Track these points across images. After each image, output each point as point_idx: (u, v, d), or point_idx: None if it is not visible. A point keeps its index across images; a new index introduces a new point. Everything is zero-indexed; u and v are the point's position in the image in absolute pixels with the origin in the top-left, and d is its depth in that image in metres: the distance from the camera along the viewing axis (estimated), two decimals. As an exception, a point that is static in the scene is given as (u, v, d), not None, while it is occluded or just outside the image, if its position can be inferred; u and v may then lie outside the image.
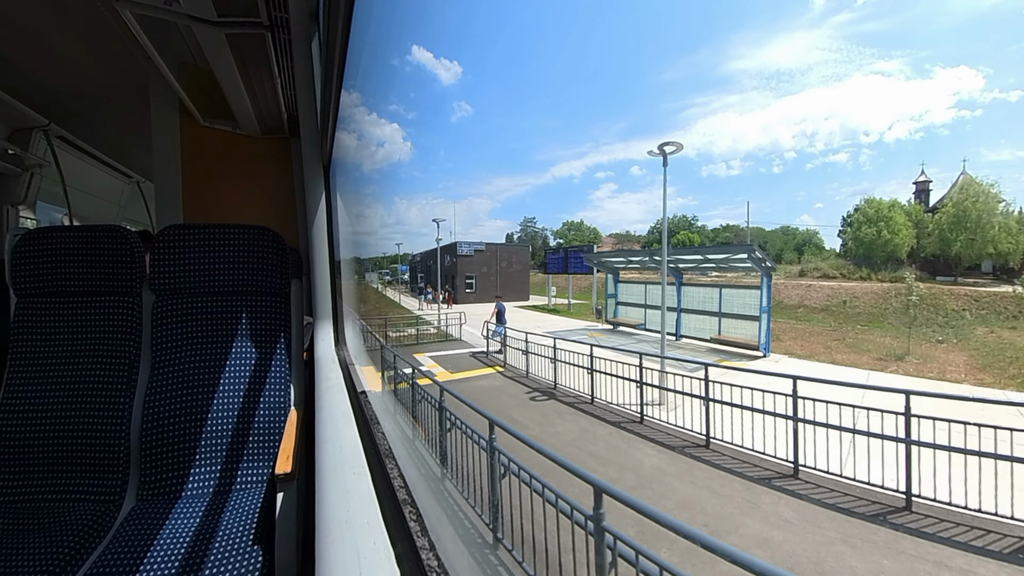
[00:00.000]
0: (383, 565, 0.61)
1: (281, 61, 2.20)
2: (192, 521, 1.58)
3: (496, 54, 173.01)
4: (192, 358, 1.93)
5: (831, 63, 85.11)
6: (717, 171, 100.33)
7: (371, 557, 0.62)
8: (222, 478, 1.82)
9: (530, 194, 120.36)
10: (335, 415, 1.26)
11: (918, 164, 65.90)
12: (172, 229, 2.01)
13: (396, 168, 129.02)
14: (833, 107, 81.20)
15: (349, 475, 0.89)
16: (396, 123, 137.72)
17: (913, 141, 70.65)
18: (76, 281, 1.93)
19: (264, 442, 1.89)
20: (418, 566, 0.72)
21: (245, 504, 1.68)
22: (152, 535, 1.49)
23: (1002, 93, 62.97)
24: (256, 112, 2.71)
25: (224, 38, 1.93)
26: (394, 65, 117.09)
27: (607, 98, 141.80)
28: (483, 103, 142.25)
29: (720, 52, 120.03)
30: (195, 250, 2.01)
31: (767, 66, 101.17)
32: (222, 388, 1.90)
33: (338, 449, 1.02)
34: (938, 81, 68.02)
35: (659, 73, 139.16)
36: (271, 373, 1.99)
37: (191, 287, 2.00)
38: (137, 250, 1.96)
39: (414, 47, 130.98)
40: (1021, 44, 65.86)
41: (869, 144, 77.35)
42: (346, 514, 0.74)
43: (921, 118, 69.33)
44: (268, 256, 2.08)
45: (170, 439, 1.80)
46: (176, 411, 1.83)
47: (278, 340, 2.06)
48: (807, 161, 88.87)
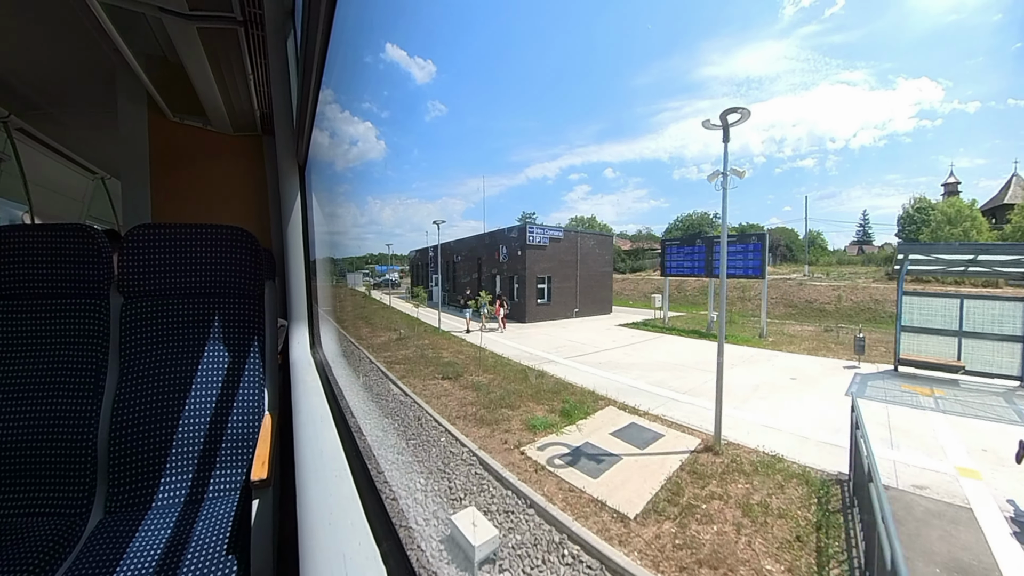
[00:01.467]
0: (369, 564, 0.62)
1: (254, 58, 2.16)
2: (163, 532, 1.53)
3: (471, 54, 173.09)
4: (162, 363, 1.87)
5: (799, 72, 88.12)
6: (689, 174, 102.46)
7: (356, 557, 0.62)
8: (194, 486, 1.77)
9: (504, 195, 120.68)
10: (314, 418, 1.25)
11: (882, 170, 68.44)
12: (141, 229, 1.95)
13: (370, 167, 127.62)
14: (801, 114, 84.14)
15: (331, 477, 0.89)
16: (369, 121, 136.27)
17: (877, 148, 73.87)
18: (39, 283, 1.85)
19: (238, 448, 1.85)
20: (404, 562, 0.73)
21: (218, 512, 1.65)
22: (121, 549, 1.44)
23: (961, 104, 66.63)
24: (228, 109, 2.66)
25: (195, 32, 1.89)
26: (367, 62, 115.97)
27: (582, 101, 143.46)
28: (458, 103, 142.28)
29: (692, 58, 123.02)
30: (165, 251, 1.95)
31: (737, 73, 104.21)
32: (194, 393, 1.85)
33: (318, 452, 1.02)
34: (901, 92, 71.30)
35: (632, 77, 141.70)
36: (244, 377, 1.94)
37: (161, 289, 1.95)
38: (104, 250, 1.89)
39: (388, 45, 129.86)
40: (979, 58, 69.59)
41: (835, 150, 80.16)
42: (329, 516, 0.74)
43: (885, 126, 72.29)
44: (241, 257, 2.04)
45: (140, 447, 1.74)
46: (146, 418, 1.77)
47: (251, 343, 2.02)
48: (776, 166, 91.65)
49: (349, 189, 40.35)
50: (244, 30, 1.93)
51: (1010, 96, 58.66)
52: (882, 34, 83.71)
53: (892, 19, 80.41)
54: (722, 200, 6.68)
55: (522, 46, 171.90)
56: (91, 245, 1.87)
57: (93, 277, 1.88)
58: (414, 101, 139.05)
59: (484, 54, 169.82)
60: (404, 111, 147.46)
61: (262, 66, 2.19)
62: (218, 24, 1.87)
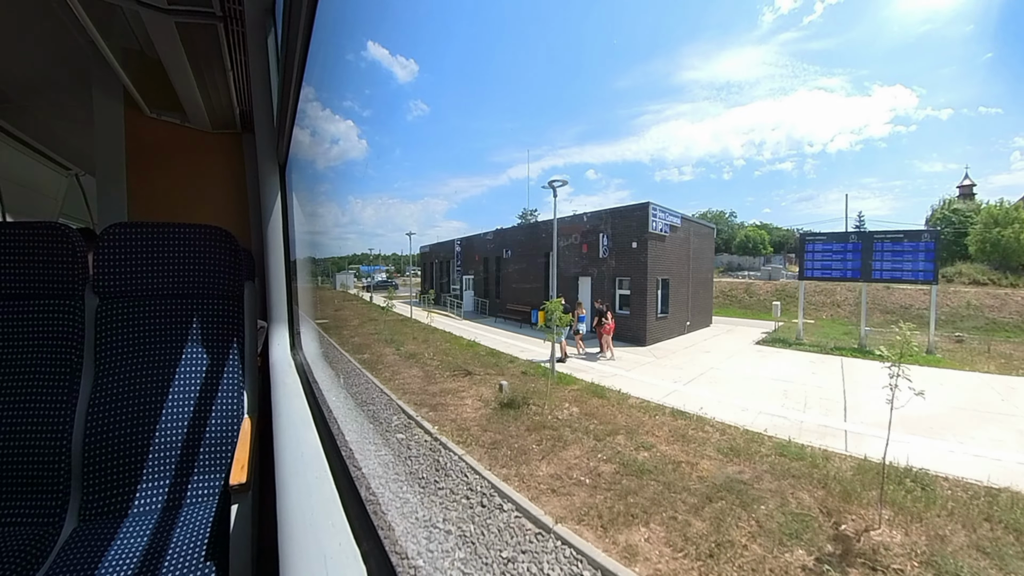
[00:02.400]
0: (349, 564, 0.62)
1: (234, 54, 2.13)
2: (139, 540, 1.50)
3: (454, 54, 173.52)
4: (139, 365, 1.82)
5: (778, 77, 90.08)
6: (670, 176, 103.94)
7: (337, 558, 0.62)
8: (171, 492, 1.73)
9: (486, 195, 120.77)
10: (294, 421, 1.24)
11: (858, 173, 70.23)
12: (117, 227, 1.90)
13: (351, 166, 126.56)
14: (780, 119, 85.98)
15: (311, 480, 0.88)
16: (351, 120, 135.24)
17: (853, 152, 75.92)
18: (10, 283, 1.78)
19: (216, 452, 1.81)
20: (384, 561, 0.73)
21: (196, 518, 1.62)
22: (96, 558, 1.40)
23: (934, 111, 68.99)
24: (207, 105, 2.61)
25: (174, 26, 1.85)
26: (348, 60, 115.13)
27: (564, 102, 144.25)
28: (441, 103, 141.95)
29: (673, 62, 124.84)
30: (142, 250, 1.91)
31: (717, 77, 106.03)
32: (171, 397, 1.81)
33: (299, 455, 1.01)
34: (876, 98, 73.39)
35: (615, 80, 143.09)
36: (223, 380, 1.91)
37: (138, 290, 1.90)
38: (79, 249, 1.83)
39: (369, 43, 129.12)
40: (952, 67, 72.12)
41: (813, 154, 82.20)
42: (310, 518, 0.73)
43: (861, 131, 74.35)
44: (220, 257, 2.01)
45: (115, 453, 1.69)
46: (121, 422, 1.72)
47: (230, 345, 1.98)
48: (755, 168, 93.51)
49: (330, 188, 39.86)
50: (224, 25, 1.90)
51: (981, 104, 60.88)
52: (859, 42, 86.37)
53: (868, 27, 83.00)
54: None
55: (506, 47, 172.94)
56: (65, 244, 1.82)
57: (67, 277, 1.82)
58: (396, 100, 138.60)
59: (467, 54, 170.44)
60: (386, 110, 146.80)
61: (242, 62, 2.16)
62: (197, 19, 1.84)
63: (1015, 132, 57.28)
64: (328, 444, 1.14)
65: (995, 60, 64.94)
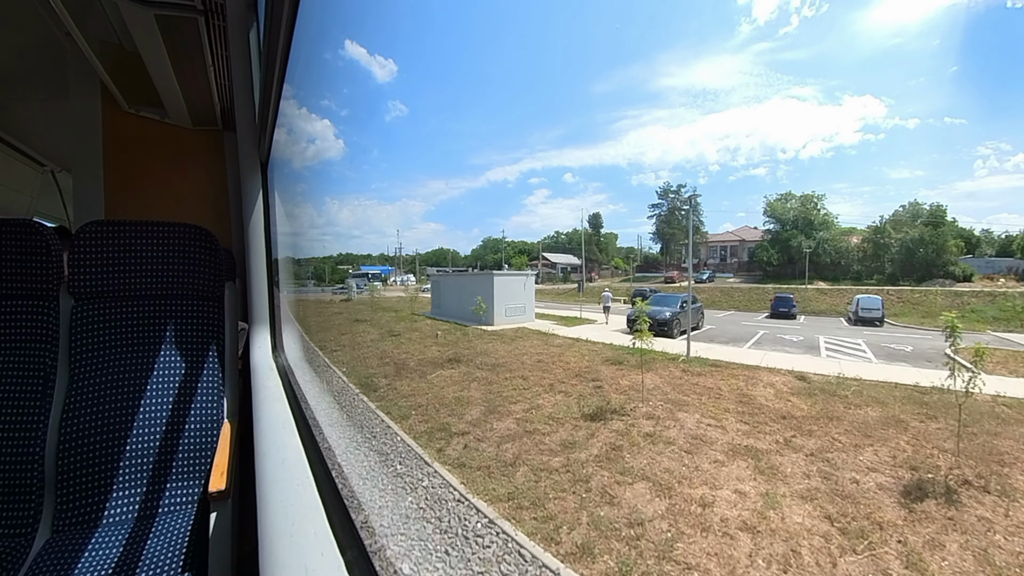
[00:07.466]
0: (332, 574, 0.60)
1: (215, 49, 2.08)
2: (114, 551, 1.45)
3: (434, 55, 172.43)
4: (115, 368, 1.77)
5: (752, 86, 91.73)
6: (647, 180, 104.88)
7: (319, 569, 0.60)
8: (148, 500, 1.68)
9: (465, 197, 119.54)
10: (275, 425, 1.21)
11: (830, 179, 72.01)
12: (94, 226, 1.84)
13: (327, 166, 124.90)
14: (754, 126, 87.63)
15: (293, 486, 0.86)
16: (328, 119, 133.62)
17: (825, 159, 78.00)
18: None
19: (195, 458, 1.77)
20: (369, 570, 0.71)
21: (174, 527, 1.57)
22: (70, 570, 1.35)
23: (902, 120, 71.83)
24: (187, 101, 2.55)
25: (153, 19, 1.80)
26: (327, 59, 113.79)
27: (543, 106, 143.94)
28: (419, 104, 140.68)
29: (650, 69, 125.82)
30: (119, 249, 1.85)
31: (694, 85, 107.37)
32: (148, 401, 1.76)
33: (280, 461, 0.98)
34: (847, 107, 75.66)
35: (594, 84, 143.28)
36: (202, 383, 1.86)
37: (115, 290, 1.85)
38: (54, 248, 1.77)
39: (347, 41, 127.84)
40: (919, 79, 74.77)
41: (786, 160, 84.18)
42: (291, 527, 0.71)
43: (832, 139, 76.38)
44: (200, 257, 1.96)
45: (90, 460, 1.64)
46: (97, 428, 1.67)
47: (210, 347, 1.94)
48: (730, 174, 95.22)
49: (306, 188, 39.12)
50: (205, 19, 1.86)
51: (947, 115, 63.82)
52: (831, 54, 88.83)
53: (840, 40, 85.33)
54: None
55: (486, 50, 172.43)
56: (39, 242, 1.75)
57: (41, 277, 1.75)
58: (375, 100, 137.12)
59: (447, 55, 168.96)
60: (365, 110, 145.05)
61: (223, 58, 2.11)
62: (177, 12, 1.79)
63: (978, 141, 61.32)
64: (311, 450, 1.12)
65: (959, 74, 67.90)
